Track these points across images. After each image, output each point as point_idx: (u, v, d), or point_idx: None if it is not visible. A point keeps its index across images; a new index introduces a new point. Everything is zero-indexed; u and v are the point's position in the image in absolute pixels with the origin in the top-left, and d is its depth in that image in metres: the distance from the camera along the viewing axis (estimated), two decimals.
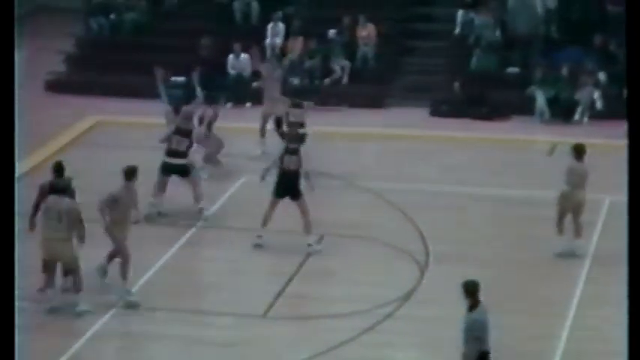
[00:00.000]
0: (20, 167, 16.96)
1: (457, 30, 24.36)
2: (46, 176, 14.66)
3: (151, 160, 16.80)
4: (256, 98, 23.66)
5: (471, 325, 10.88)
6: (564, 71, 22.75)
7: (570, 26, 23.61)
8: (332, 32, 24.19)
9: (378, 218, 17.07)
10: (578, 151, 15.93)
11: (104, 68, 24.63)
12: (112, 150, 17.05)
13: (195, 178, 17.01)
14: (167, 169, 16.88)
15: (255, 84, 22.04)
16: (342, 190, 18.04)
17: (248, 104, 23.66)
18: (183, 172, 16.95)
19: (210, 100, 22.11)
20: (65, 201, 13.58)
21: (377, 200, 17.83)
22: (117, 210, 13.94)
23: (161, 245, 15.89)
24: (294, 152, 15.81)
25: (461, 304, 14.28)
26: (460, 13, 24.33)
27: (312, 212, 15.88)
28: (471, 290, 10.91)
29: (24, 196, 14.35)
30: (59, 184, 13.86)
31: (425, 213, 17.25)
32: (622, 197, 15.66)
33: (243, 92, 23.77)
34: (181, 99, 23.16)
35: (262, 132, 20.30)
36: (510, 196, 18.25)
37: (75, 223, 13.46)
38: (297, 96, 20.22)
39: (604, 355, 13.11)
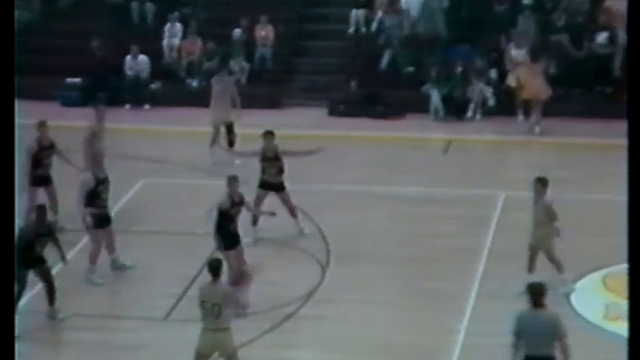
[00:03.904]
0: None
1: (351, 29, 24.64)
2: None
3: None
4: (155, 100, 23.64)
5: (514, 321, 10.98)
6: (458, 69, 23.19)
7: (459, 25, 24.07)
8: (237, 32, 24.22)
9: (279, 219, 17.15)
10: (543, 185, 14.45)
11: None
12: None
13: None
14: None
15: (153, 85, 22.06)
16: (242, 191, 18.09)
17: (146, 106, 23.58)
18: None
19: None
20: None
21: (277, 200, 17.94)
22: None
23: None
24: None
25: (362, 302, 14.58)
26: (353, 12, 24.61)
27: None
28: (530, 291, 11.01)
29: None
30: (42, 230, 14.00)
31: (325, 212, 17.43)
32: (516, 193, 16.13)
33: (141, 94, 23.69)
34: (78, 101, 23.11)
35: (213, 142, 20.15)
36: (407, 194, 18.55)
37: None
38: (196, 97, 20.23)
39: (502, 348, 13.43)
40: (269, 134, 16.38)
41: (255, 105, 23.32)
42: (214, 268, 11.89)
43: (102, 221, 15.06)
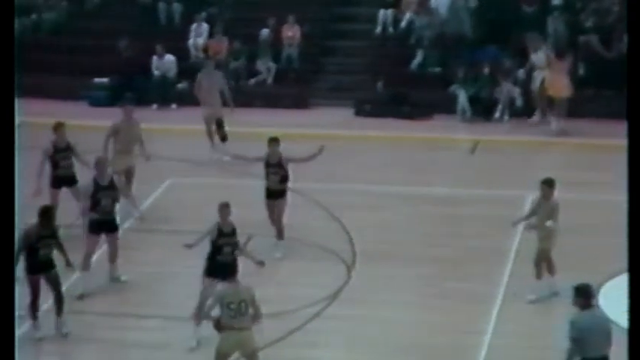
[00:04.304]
0: None
1: (378, 29, 24.60)
2: None
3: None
4: (182, 99, 23.68)
5: (569, 326, 10.79)
6: (485, 70, 23.10)
7: (487, 25, 23.98)
8: (263, 32, 24.24)
9: (304, 218, 17.17)
10: (550, 186, 14.45)
11: (24, 69, 24.25)
12: (39, 152, 16.92)
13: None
14: None
15: (180, 85, 22.02)
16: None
17: (173, 106, 23.63)
18: None
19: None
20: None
21: (303, 200, 17.94)
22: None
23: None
24: None
25: (388, 302, 14.54)
26: (381, 12, 24.56)
27: (240, 213, 15.89)
28: (580, 293, 10.85)
29: None
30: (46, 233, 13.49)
31: (350, 212, 17.40)
32: (537, 193, 16.00)
33: (168, 93, 23.73)
34: (105, 101, 23.19)
35: (210, 136, 20.21)
36: (434, 195, 18.49)
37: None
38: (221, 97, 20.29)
39: (529, 349, 13.38)
40: (274, 141, 15.95)
41: (281, 105, 23.42)
42: (231, 269, 11.95)
43: (100, 227, 14.77)
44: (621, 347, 11.52)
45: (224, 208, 13.54)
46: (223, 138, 20.01)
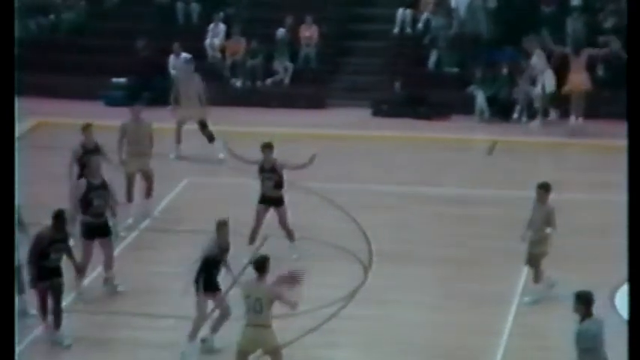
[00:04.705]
0: None
1: (396, 29, 24.53)
2: None
3: None
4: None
5: (579, 337, 10.68)
6: (504, 70, 23.01)
7: (506, 26, 23.89)
8: (280, 31, 24.22)
9: (321, 218, 17.15)
10: (546, 190, 14.46)
11: (43, 69, 24.43)
12: (56, 152, 16.93)
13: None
14: None
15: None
16: (285, 190, 18.07)
17: None
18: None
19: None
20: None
21: (320, 201, 17.92)
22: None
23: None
24: None
25: (405, 303, 14.50)
26: (400, 12, 24.49)
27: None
28: (583, 301, 10.74)
29: None
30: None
31: (367, 213, 17.37)
32: (561, 195, 15.97)
33: None
34: (122, 101, 23.19)
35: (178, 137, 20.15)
36: (451, 195, 18.44)
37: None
38: (240, 97, 20.27)
39: (544, 350, 13.32)
40: (267, 147, 15.70)
41: (298, 105, 23.40)
42: (260, 264, 11.82)
43: (93, 232, 14.45)
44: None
45: (223, 226, 13.26)
46: (210, 138, 19.90)
